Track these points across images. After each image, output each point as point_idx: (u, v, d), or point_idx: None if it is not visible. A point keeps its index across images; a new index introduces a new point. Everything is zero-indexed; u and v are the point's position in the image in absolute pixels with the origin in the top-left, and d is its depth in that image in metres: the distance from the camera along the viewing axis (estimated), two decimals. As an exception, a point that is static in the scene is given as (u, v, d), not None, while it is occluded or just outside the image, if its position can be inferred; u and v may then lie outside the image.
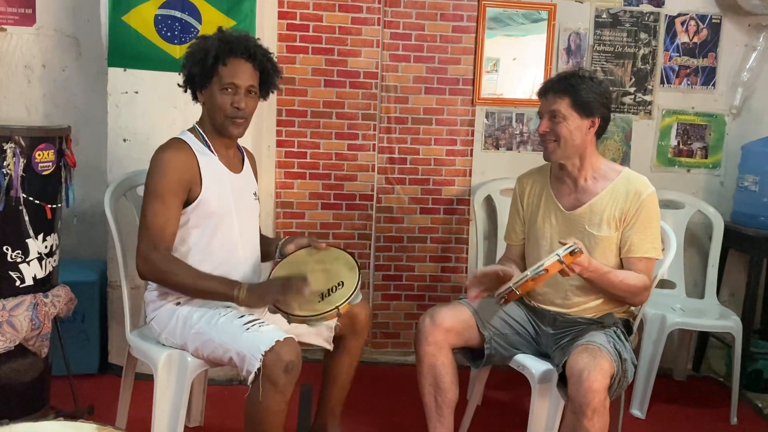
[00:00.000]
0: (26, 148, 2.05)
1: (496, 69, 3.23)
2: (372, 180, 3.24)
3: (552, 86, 2.24)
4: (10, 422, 2.09)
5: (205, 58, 2.02)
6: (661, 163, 3.36)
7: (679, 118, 3.35)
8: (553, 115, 2.21)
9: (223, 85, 2.02)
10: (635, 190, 2.21)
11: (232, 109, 2.03)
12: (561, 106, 2.19)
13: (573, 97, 2.19)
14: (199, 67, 2.03)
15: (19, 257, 2.10)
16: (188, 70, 2.07)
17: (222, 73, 2.02)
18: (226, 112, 2.03)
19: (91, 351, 2.89)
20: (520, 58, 3.25)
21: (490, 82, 3.23)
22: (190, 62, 2.06)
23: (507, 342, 2.31)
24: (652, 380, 2.87)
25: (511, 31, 3.21)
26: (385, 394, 2.97)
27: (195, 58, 2.04)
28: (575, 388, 1.96)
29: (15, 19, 3.01)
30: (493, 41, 3.21)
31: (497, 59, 3.23)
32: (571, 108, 2.19)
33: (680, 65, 3.32)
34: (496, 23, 3.20)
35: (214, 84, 2.03)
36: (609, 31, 3.26)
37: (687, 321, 2.90)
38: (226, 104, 2.03)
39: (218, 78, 2.03)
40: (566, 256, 1.95)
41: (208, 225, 2.06)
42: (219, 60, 2.02)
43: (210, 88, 2.05)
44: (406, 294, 3.32)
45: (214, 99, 2.04)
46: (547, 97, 2.24)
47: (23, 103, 3.07)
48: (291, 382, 1.82)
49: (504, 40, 3.22)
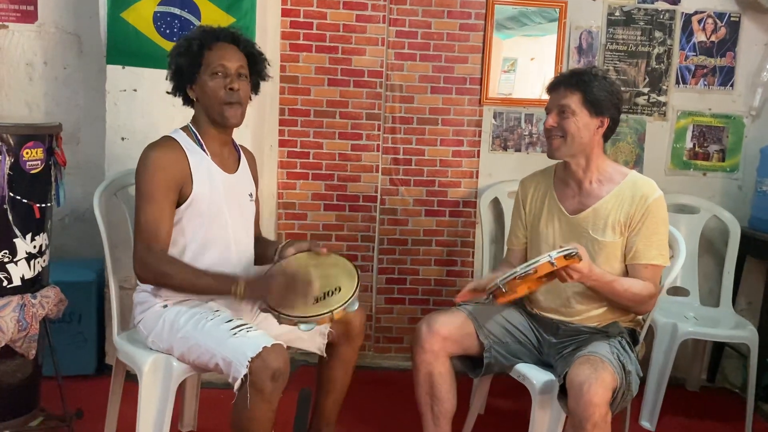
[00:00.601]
0: (13, 146, 2.01)
1: (513, 69, 3.15)
2: (376, 181, 3.17)
3: (564, 80, 2.16)
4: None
5: (190, 46, 1.99)
6: (676, 166, 3.25)
7: (695, 120, 3.23)
8: (562, 110, 2.12)
9: (213, 70, 1.98)
10: (641, 194, 2.12)
11: (227, 91, 1.98)
12: (572, 101, 2.11)
13: (585, 93, 2.11)
14: (185, 57, 2.00)
15: (6, 257, 2.06)
16: (174, 66, 2.03)
17: (209, 59, 1.99)
18: (220, 97, 1.98)
19: (88, 352, 2.86)
20: (538, 58, 3.17)
21: (507, 82, 3.15)
22: (176, 56, 2.02)
23: (507, 351, 2.23)
24: (662, 391, 2.76)
25: (529, 31, 3.14)
26: (386, 399, 2.90)
27: (180, 50, 2.01)
28: (575, 402, 1.87)
29: (17, 16, 3.00)
30: (512, 41, 3.15)
31: (515, 59, 3.16)
32: (582, 104, 2.11)
33: (697, 65, 3.20)
34: (514, 23, 3.13)
35: (203, 73, 1.99)
36: (622, 30, 3.16)
37: (699, 330, 2.79)
38: (219, 89, 1.98)
39: (206, 65, 1.99)
40: (559, 258, 1.86)
41: (200, 225, 2.01)
42: (204, 46, 1.99)
43: (200, 79, 2.00)
44: (410, 298, 3.25)
45: (205, 87, 1.99)
46: (557, 92, 2.16)
47: (25, 100, 3.06)
48: (278, 389, 1.76)
49: (522, 40, 3.15)
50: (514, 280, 1.88)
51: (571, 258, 1.87)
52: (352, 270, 2.00)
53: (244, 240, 2.14)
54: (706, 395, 3.19)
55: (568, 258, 1.87)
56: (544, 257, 1.87)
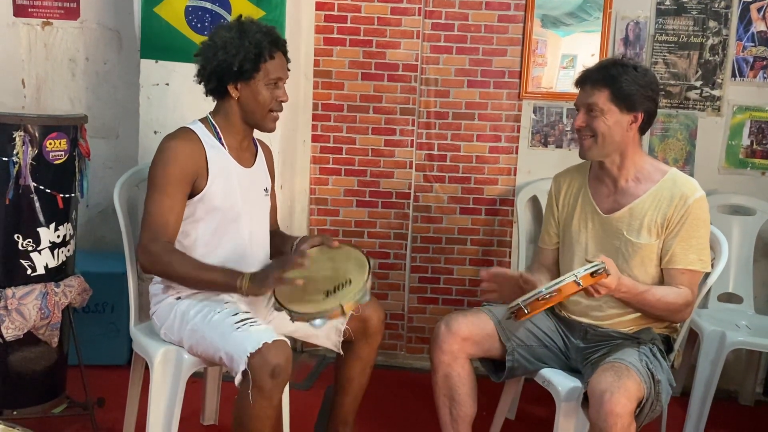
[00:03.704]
0: (37, 137, 2.04)
1: (572, 65, 3.04)
2: (409, 177, 3.10)
3: (590, 76, 2.04)
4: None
5: (260, 53, 1.96)
6: (731, 165, 3.04)
7: (752, 115, 3.02)
8: (591, 109, 2.01)
9: (270, 80, 1.99)
10: (681, 194, 1.98)
11: (278, 103, 2.01)
12: (599, 99, 1.99)
13: (613, 89, 1.98)
14: (251, 63, 1.95)
15: (30, 246, 2.10)
16: (238, 65, 1.95)
17: (269, 68, 1.98)
18: (270, 107, 2.01)
19: (120, 342, 2.90)
20: (597, 53, 3.03)
21: (566, 78, 3.03)
22: (241, 56, 1.94)
23: (532, 354, 2.12)
24: (708, 403, 2.58)
25: (588, 27, 3.01)
26: (414, 401, 2.83)
27: (247, 54, 1.94)
28: (596, 411, 1.76)
29: (60, 13, 3.08)
30: (571, 38, 3.04)
31: (574, 56, 3.05)
32: (611, 101, 1.98)
33: (755, 56, 2.99)
34: (573, 19, 3.01)
35: (260, 79, 1.98)
36: (673, 20, 2.98)
37: (750, 340, 2.60)
38: (271, 98, 2.00)
39: (265, 72, 1.98)
40: (585, 277, 1.74)
41: (213, 219, 2.00)
42: (270, 54, 1.98)
43: (252, 83, 1.98)
44: (444, 298, 3.16)
45: (256, 94, 1.98)
46: (584, 88, 2.04)
47: (68, 95, 3.14)
48: (278, 387, 1.72)
49: (582, 36, 3.03)
50: (537, 301, 1.78)
51: (598, 275, 1.75)
52: (364, 262, 1.94)
53: (260, 234, 2.11)
54: (761, 410, 2.97)
55: (595, 275, 1.75)
56: (569, 276, 1.76)
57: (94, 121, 2.92)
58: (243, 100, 2.01)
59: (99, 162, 3.07)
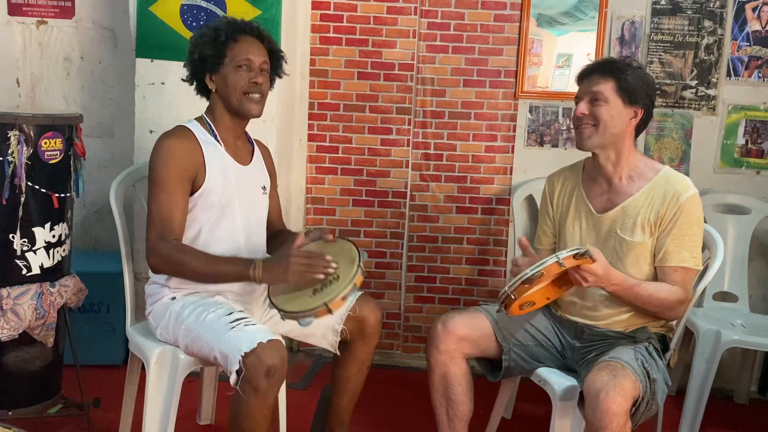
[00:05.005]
0: (32, 136, 2.04)
1: (568, 64, 3.04)
2: (406, 176, 3.10)
3: (597, 68, 2.06)
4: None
5: (217, 36, 1.99)
6: (726, 164, 3.05)
7: (747, 115, 3.03)
8: (595, 97, 2.02)
9: (238, 63, 1.99)
10: (674, 192, 1.98)
11: (250, 84, 2.00)
12: (605, 88, 2.01)
13: (619, 80, 2.00)
14: (211, 47, 1.99)
15: (26, 245, 2.09)
16: (198, 54, 2.01)
17: (235, 51, 1.99)
18: (243, 89, 1.99)
19: (116, 342, 2.89)
20: (593, 53, 3.03)
21: (562, 77, 3.04)
22: (201, 44, 2.01)
23: (528, 354, 2.13)
24: (703, 402, 2.59)
25: (584, 26, 3.02)
26: (410, 400, 2.83)
27: (205, 39, 2.00)
28: (591, 410, 1.77)
29: (55, 12, 3.07)
30: (567, 37, 3.04)
31: (570, 55, 3.05)
32: (616, 92, 2.01)
33: (750, 56, 3.00)
34: (568, 18, 3.02)
35: (227, 64, 1.99)
36: (668, 19, 2.99)
37: (745, 339, 2.61)
38: (242, 81, 1.99)
39: (231, 57, 1.99)
40: (568, 258, 1.74)
41: (211, 215, 2.01)
42: (231, 37, 1.99)
43: (222, 70, 2.00)
44: (440, 297, 3.17)
45: (228, 79, 1.99)
46: (590, 79, 2.05)
47: (63, 94, 3.13)
48: (273, 387, 1.71)
49: (577, 36, 3.04)
50: (522, 285, 1.77)
51: (581, 258, 1.75)
52: (355, 257, 1.89)
53: (255, 232, 2.11)
54: (756, 408, 2.98)
55: (578, 258, 1.75)
56: (551, 258, 1.76)
57: (89, 120, 2.92)
58: (219, 90, 2.03)
59: (94, 161, 3.07)
